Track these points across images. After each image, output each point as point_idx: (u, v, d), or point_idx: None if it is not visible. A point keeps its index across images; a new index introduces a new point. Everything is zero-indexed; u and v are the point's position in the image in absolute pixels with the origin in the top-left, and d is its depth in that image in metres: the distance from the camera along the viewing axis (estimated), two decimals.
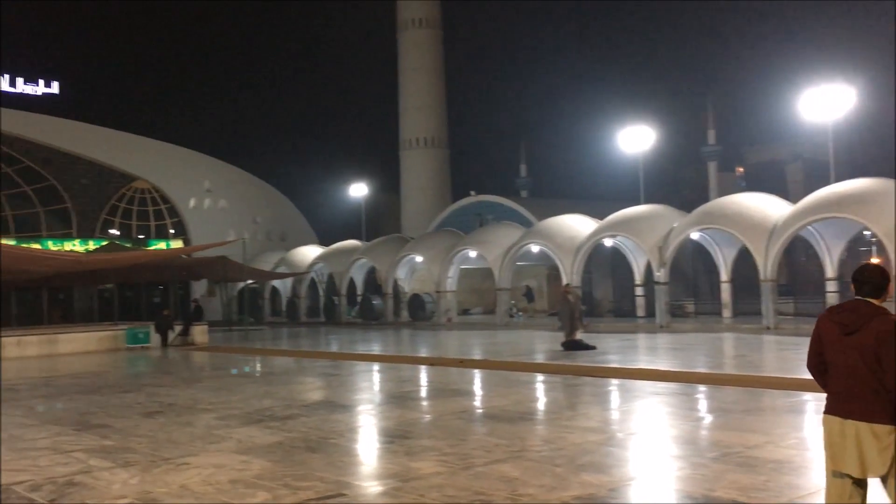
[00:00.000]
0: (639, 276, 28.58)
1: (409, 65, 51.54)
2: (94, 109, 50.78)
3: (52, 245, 39.12)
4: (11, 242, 35.58)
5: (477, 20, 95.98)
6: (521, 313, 33.77)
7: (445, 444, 7.89)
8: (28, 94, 43.43)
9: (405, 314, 35.55)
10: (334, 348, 23.32)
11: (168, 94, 76.23)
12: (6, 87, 42.80)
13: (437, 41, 52.07)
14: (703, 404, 10.89)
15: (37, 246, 37.03)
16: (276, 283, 42.49)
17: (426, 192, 50.43)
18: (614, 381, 12.86)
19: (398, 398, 11.81)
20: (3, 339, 22.97)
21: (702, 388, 11.86)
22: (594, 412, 10.04)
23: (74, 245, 39.97)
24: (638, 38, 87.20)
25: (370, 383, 14.63)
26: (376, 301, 36.48)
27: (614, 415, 10.15)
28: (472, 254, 33.53)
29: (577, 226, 30.19)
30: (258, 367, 18.31)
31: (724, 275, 26.38)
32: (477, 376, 14.63)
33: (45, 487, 6.48)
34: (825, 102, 27.32)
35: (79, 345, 23.93)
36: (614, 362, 15.95)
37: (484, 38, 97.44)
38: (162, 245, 43.29)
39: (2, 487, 6.52)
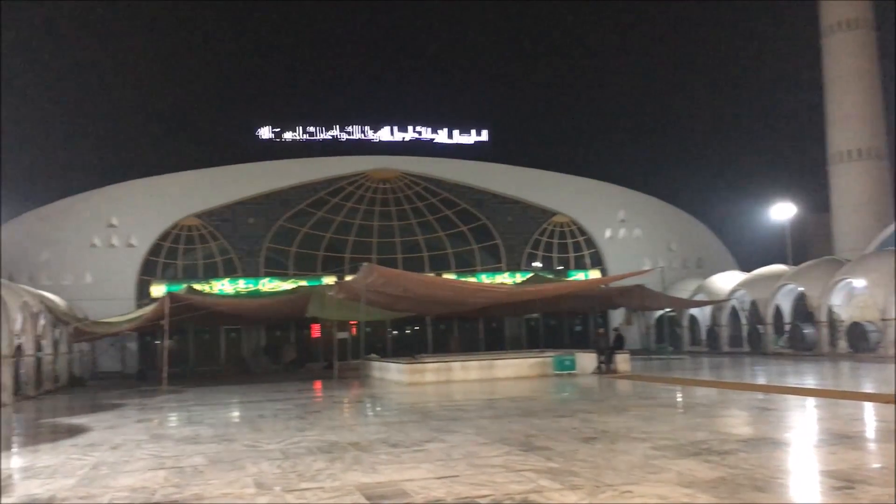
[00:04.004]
0: None
1: (838, 71, 46.89)
2: (518, 152, 55.23)
3: (485, 278, 43.15)
4: (452, 277, 40.14)
5: None
6: None
7: None
8: (463, 144, 49.09)
9: (843, 344, 32.18)
10: (762, 380, 21.90)
11: (580, 129, 79.73)
12: (445, 140, 48.95)
13: (869, 42, 46.67)
14: None
15: (473, 279, 41.19)
16: (693, 311, 41.68)
17: (862, 208, 45.11)
18: None
19: (847, 439, 10.59)
20: (451, 363, 25.93)
21: None
22: None
23: (504, 278, 43.59)
24: None
25: (809, 420, 13.40)
26: (808, 330, 33.63)
27: None
28: None
29: None
30: (682, 397, 17.95)
31: None
32: None
33: (503, 503, 7.02)
34: None
35: (512, 370, 25.89)
36: None
37: None
38: (581, 276, 45.13)
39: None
